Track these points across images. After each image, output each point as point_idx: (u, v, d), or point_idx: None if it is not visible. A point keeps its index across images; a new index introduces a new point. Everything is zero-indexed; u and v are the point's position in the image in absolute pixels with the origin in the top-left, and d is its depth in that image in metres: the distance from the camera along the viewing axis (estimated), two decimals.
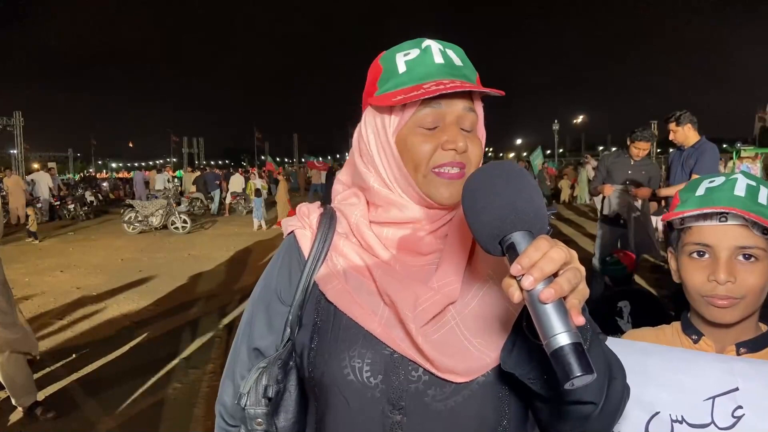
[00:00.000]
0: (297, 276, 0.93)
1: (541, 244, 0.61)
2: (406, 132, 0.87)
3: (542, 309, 0.58)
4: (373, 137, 0.91)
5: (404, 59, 0.88)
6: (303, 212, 0.98)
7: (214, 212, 18.32)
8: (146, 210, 13.74)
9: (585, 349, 0.57)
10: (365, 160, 0.93)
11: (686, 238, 1.09)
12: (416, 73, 0.86)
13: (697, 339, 1.12)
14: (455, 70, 0.87)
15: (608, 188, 5.16)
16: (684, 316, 1.17)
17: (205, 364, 4.57)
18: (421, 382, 0.82)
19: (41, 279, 8.12)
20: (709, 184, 1.08)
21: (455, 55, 0.90)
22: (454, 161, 0.85)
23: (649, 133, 5.16)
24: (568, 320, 0.57)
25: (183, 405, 3.86)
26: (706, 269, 1.05)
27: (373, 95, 0.90)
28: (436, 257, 0.88)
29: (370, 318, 0.84)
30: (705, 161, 4.46)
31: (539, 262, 0.59)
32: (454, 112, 0.86)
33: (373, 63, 0.94)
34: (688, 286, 1.08)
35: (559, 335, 0.56)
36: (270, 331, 0.96)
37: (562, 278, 0.59)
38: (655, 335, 1.20)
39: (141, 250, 10.88)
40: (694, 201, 1.07)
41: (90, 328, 5.62)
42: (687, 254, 1.08)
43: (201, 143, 49.47)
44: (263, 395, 0.89)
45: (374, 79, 0.91)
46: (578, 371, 0.55)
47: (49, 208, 17.27)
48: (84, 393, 4.06)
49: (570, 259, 0.62)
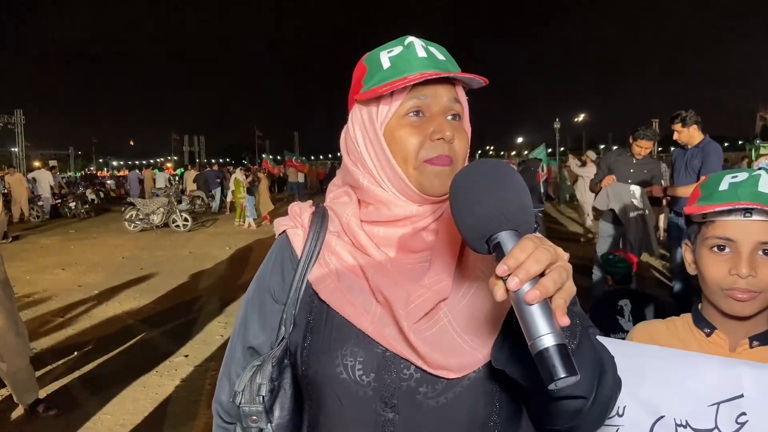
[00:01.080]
0: (290, 275, 0.94)
1: (526, 244, 0.61)
2: (394, 124, 0.87)
3: (527, 310, 0.58)
4: (360, 134, 0.92)
5: (388, 56, 0.90)
6: (295, 212, 0.99)
7: (215, 210, 18.32)
8: (147, 208, 13.75)
9: (570, 350, 0.58)
10: (353, 158, 0.94)
11: (708, 231, 1.09)
12: (400, 67, 0.87)
13: (709, 332, 1.13)
14: (439, 64, 0.88)
15: (608, 179, 5.12)
16: (695, 309, 1.18)
17: (206, 362, 4.58)
18: (412, 380, 0.83)
19: (42, 277, 8.13)
20: (732, 180, 1.09)
21: (437, 52, 0.91)
22: (443, 154, 0.86)
23: (652, 132, 5.16)
24: (553, 321, 0.58)
25: (184, 402, 3.86)
26: (727, 263, 1.06)
27: (358, 93, 0.92)
28: (428, 254, 0.89)
29: (362, 317, 0.84)
30: (711, 162, 4.47)
31: (525, 263, 0.59)
32: (439, 103, 0.87)
33: (358, 64, 0.95)
34: (708, 278, 1.09)
35: (543, 337, 0.57)
36: (264, 330, 0.97)
37: (547, 279, 0.59)
38: (666, 328, 1.21)
39: (142, 248, 10.89)
40: (719, 196, 1.08)
41: (91, 326, 5.63)
42: (708, 247, 1.09)
43: (202, 141, 49.43)
44: (257, 393, 0.90)
45: (359, 78, 0.93)
46: (562, 373, 0.56)
47: (51, 206, 17.30)
48: (85, 390, 4.07)
49: (556, 258, 0.62)
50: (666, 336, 1.18)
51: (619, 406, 1.02)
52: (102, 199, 22.77)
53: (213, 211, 18.21)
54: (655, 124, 20.57)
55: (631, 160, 5.20)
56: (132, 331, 5.42)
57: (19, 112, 27.01)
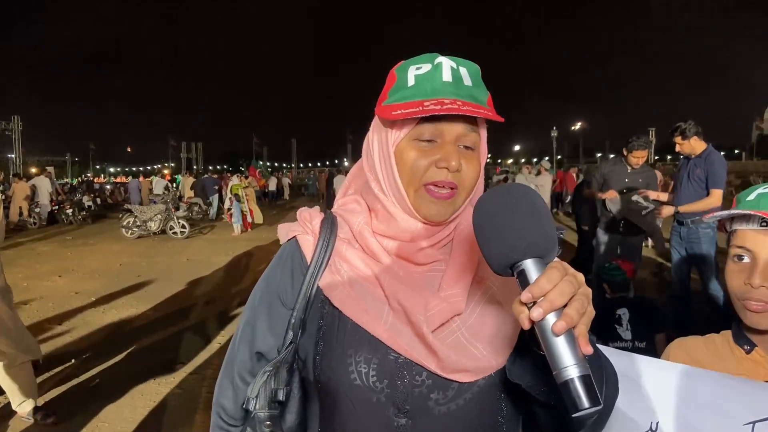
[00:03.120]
0: (300, 280, 0.94)
1: (552, 275, 0.62)
2: (404, 145, 0.88)
3: (552, 340, 0.60)
4: (377, 144, 0.93)
5: (415, 73, 0.89)
6: (305, 217, 0.99)
7: (212, 217, 18.29)
8: (145, 215, 13.73)
9: (593, 380, 0.59)
10: (369, 164, 0.95)
11: (732, 241, 1.10)
12: (422, 89, 0.87)
13: (749, 349, 1.10)
14: (461, 90, 0.86)
15: (611, 193, 5.17)
16: (735, 326, 1.16)
17: (204, 369, 4.57)
18: (424, 387, 0.84)
19: (40, 283, 8.11)
20: (762, 190, 1.08)
21: (467, 74, 0.89)
22: (445, 180, 0.86)
23: (645, 141, 5.22)
24: (577, 351, 0.60)
25: (182, 410, 3.85)
26: (744, 273, 1.05)
27: (381, 104, 0.92)
28: (435, 265, 0.91)
29: (376, 323, 0.85)
30: (716, 172, 4.49)
31: (549, 294, 0.60)
32: (453, 131, 0.86)
33: (391, 71, 0.94)
34: (728, 289, 1.09)
35: (569, 368, 0.59)
36: (272, 334, 0.97)
37: (571, 309, 0.61)
38: (705, 345, 1.19)
39: (139, 255, 10.88)
40: (743, 206, 1.08)
41: (88, 333, 5.61)
42: (731, 257, 1.09)
43: (200, 148, 49.42)
44: (274, 399, 0.91)
45: (387, 88, 0.93)
46: (586, 404, 0.58)
47: (48, 212, 17.25)
48: (83, 398, 4.06)
49: (579, 286, 0.63)
50: (704, 353, 1.16)
51: (653, 421, 1.02)
52: (99, 205, 22.72)
53: (210, 218, 18.18)
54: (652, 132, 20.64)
55: (626, 169, 5.25)
56: (130, 339, 5.40)
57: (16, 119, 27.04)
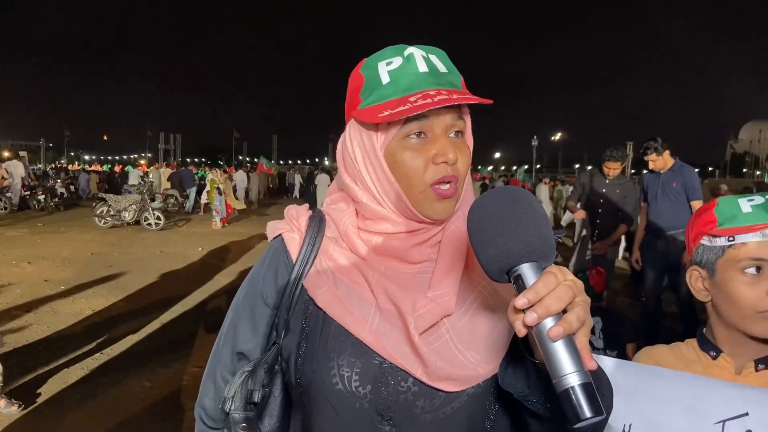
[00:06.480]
0: (284, 279, 0.91)
1: (549, 280, 0.60)
2: (395, 146, 0.83)
3: (551, 346, 0.57)
4: (359, 152, 0.88)
5: (387, 69, 0.85)
6: (292, 215, 0.96)
7: (188, 210, 18.10)
8: (119, 204, 13.52)
9: (595, 388, 0.56)
10: (352, 175, 0.90)
11: (738, 254, 1.08)
12: (401, 84, 0.83)
13: (715, 355, 1.13)
14: (440, 78, 0.83)
15: (580, 213, 5.55)
16: (700, 333, 1.18)
17: (174, 363, 4.49)
18: (410, 393, 0.81)
19: (8, 270, 7.93)
20: (751, 203, 1.09)
21: (439, 61, 0.86)
22: (447, 175, 0.82)
23: (620, 153, 5.31)
24: (579, 359, 0.57)
25: (150, 403, 3.81)
26: (761, 284, 1.05)
27: (356, 107, 0.87)
28: (426, 265, 0.87)
29: (360, 325, 0.82)
30: (695, 185, 4.65)
31: (546, 299, 0.58)
32: (442, 122, 0.82)
33: (354, 72, 0.90)
34: (740, 302, 1.07)
35: (569, 375, 0.56)
36: (255, 335, 0.93)
37: (571, 315, 0.58)
38: (671, 352, 1.21)
39: (112, 245, 10.70)
40: (745, 218, 1.08)
41: (57, 322, 5.51)
42: (739, 270, 1.07)
43: (179, 139, 48.75)
44: (249, 400, 0.87)
45: (356, 89, 0.88)
46: (588, 413, 0.54)
47: (20, 197, 16.88)
48: (49, 387, 3.99)
49: (577, 293, 0.61)
50: (671, 360, 1.18)
51: (626, 424, 1.04)
52: (72, 193, 22.30)
53: (186, 211, 17.98)
54: (629, 146, 20.95)
55: (603, 180, 5.35)
56: (99, 329, 5.31)
57: None
